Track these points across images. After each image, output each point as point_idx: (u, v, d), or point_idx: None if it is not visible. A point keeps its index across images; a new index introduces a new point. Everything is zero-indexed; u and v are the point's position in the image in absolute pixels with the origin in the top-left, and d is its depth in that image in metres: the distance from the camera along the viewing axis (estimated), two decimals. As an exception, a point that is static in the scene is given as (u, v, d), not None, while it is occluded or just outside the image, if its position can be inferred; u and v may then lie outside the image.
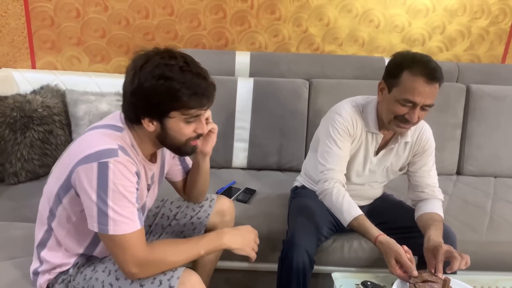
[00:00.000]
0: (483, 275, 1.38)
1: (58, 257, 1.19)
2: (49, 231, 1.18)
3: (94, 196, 1.02)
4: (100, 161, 1.02)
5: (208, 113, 1.22)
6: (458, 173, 2.26)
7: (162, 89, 1.03)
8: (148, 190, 1.27)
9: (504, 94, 2.19)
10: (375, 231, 1.32)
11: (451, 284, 1.22)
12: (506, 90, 2.21)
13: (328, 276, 1.62)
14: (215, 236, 1.18)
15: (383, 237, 1.29)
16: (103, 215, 1.02)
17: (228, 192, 1.92)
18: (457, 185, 2.15)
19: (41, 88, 2.09)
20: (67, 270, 1.20)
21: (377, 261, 1.63)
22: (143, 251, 1.06)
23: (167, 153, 1.35)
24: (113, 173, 1.02)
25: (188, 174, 1.44)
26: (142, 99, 1.05)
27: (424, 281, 1.21)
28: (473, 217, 1.84)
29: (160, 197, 1.51)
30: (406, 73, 1.32)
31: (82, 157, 1.04)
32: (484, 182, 2.18)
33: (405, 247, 1.25)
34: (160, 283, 1.10)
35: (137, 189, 1.09)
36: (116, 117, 1.16)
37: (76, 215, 1.11)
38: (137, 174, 1.09)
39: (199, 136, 1.16)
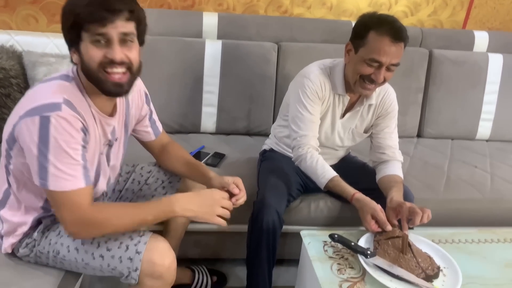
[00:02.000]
0: (440, 229, 1.48)
1: (17, 215, 1.15)
2: (8, 189, 1.14)
3: (35, 150, 0.98)
4: (42, 115, 0.97)
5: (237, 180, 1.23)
6: (419, 135, 2.36)
7: (65, 9, 1.00)
8: (111, 146, 1.22)
9: (464, 59, 2.27)
10: (351, 189, 1.40)
11: (411, 239, 1.31)
12: (466, 56, 2.29)
13: (295, 235, 1.68)
14: (166, 203, 1.12)
15: (359, 195, 1.37)
16: (43, 170, 0.99)
17: (197, 156, 1.92)
18: (417, 147, 2.24)
19: (-5, 49, 1.97)
20: (31, 233, 1.17)
21: (342, 219, 1.70)
22: (84, 210, 1.02)
23: (133, 108, 1.30)
24: (55, 128, 0.98)
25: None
26: (63, 28, 1.02)
27: (388, 238, 1.28)
28: (432, 177, 1.94)
29: (131, 162, 1.50)
30: (372, 33, 1.35)
31: (27, 110, 1.00)
32: (442, 144, 2.28)
33: (379, 206, 1.33)
34: (127, 248, 1.10)
35: (84, 146, 1.05)
36: (70, 67, 1.10)
37: (26, 169, 1.06)
38: (83, 130, 1.04)
39: (112, 63, 1.01)
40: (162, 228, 1.56)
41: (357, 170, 1.73)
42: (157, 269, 1.10)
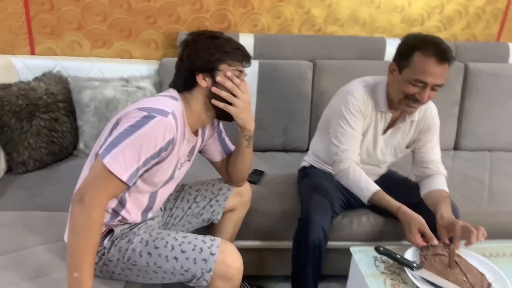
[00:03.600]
0: (490, 243, 1.46)
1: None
2: None
3: (122, 130, 1.10)
4: (150, 114, 1.11)
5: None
6: (456, 148, 2.35)
7: (212, 45, 1.21)
8: (189, 161, 1.38)
9: (500, 71, 2.27)
10: (395, 203, 1.41)
11: (460, 253, 1.30)
12: (502, 68, 2.29)
13: (337, 251, 1.70)
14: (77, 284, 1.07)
15: (405, 208, 1.38)
16: (113, 145, 1.09)
17: (237, 173, 1.95)
18: (455, 160, 2.23)
19: (44, 75, 2.06)
20: (101, 242, 1.22)
21: (385, 234, 1.71)
22: (102, 198, 1.08)
23: (206, 131, 1.42)
24: (150, 127, 1.09)
25: (231, 156, 1.48)
26: (196, 57, 1.20)
27: (435, 254, 1.28)
28: (473, 190, 1.92)
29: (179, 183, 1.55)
30: (417, 54, 1.36)
31: (139, 107, 1.14)
32: (481, 156, 2.27)
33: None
34: (201, 250, 1.18)
35: (154, 156, 1.13)
36: (171, 91, 1.27)
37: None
38: (168, 143, 1.14)
39: None
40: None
41: (399, 185, 1.73)
42: (230, 270, 1.18)
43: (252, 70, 2.12)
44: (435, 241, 1.29)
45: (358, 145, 1.54)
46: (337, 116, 1.55)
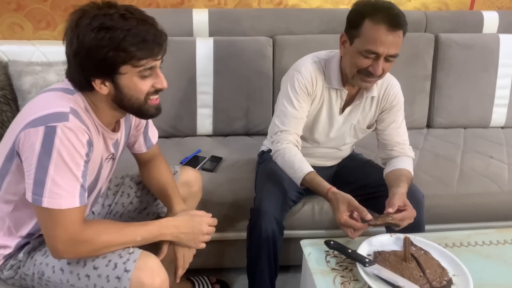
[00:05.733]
0: (454, 231, 1.36)
1: None
2: None
3: (35, 162, 0.92)
4: (48, 125, 0.92)
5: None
6: (429, 126, 2.23)
7: (104, 42, 0.92)
8: (114, 159, 1.20)
9: (473, 42, 2.14)
10: (327, 184, 1.30)
11: (419, 244, 1.20)
12: (475, 38, 2.16)
13: (299, 241, 1.59)
14: (158, 227, 1.11)
15: (335, 189, 1.28)
16: (40, 185, 0.93)
17: (193, 161, 1.82)
18: (427, 138, 2.12)
19: (-20, 60, 1.90)
20: (16, 254, 1.11)
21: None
22: (77, 228, 0.97)
23: (133, 122, 1.25)
24: (60, 140, 0.92)
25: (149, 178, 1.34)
26: (86, 58, 0.94)
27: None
28: (444, 171, 1.82)
29: (119, 173, 1.41)
30: (367, 22, 1.24)
31: (30, 121, 0.94)
32: (454, 133, 2.16)
33: None
34: (115, 266, 1.03)
35: (86, 162, 0.98)
36: (67, 81, 1.03)
37: (24, 187, 0.99)
38: (89, 143, 0.99)
39: (157, 91, 1.04)
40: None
41: (361, 167, 1.62)
42: None
43: (207, 48, 1.97)
44: (368, 216, 1.18)
45: (299, 127, 1.43)
46: (282, 95, 1.45)
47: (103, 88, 0.99)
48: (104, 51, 0.93)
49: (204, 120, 2.04)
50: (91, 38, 0.92)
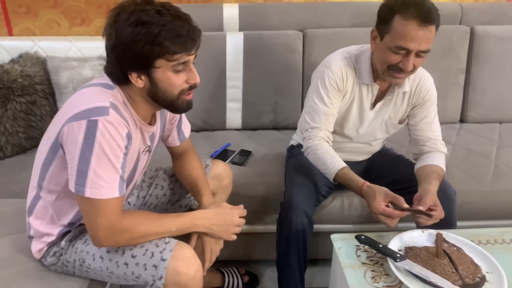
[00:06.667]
0: (487, 227, 1.33)
1: (43, 225, 1.15)
2: (37, 196, 1.14)
3: (77, 154, 0.96)
4: (90, 118, 0.96)
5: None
6: (462, 120, 2.18)
7: (141, 36, 0.96)
8: (150, 152, 1.24)
9: (510, 34, 2.06)
10: (361, 179, 1.30)
11: (451, 241, 1.18)
12: (512, 30, 2.08)
13: (328, 234, 1.60)
14: (190, 218, 1.14)
15: (369, 184, 1.28)
16: (82, 176, 0.97)
17: (223, 155, 1.85)
18: (460, 133, 2.07)
19: (20, 56, 1.97)
20: (59, 242, 1.17)
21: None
22: (116, 218, 1.02)
23: (168, 116, 1.29)
24: (101, 133, 0.96)
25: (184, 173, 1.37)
26: (123, 52, 0.98)
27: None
28: (477, 167, 1.77)
29: (153, 166, 1.45)
30: (397, 17, 1.22)
31: (73, 115, 0.98)
32: (489, 128, 2.10)
33: None
34: (152, 255, 1.07)
35: (125, 154, 1.02)
36: (105, 76, 1.08)
37: (66, 178, 1.05)
38: (128, 136, 1.03)
39: (192, 87, 1.08)
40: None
41: (391, 162, 1.61)
42: (182, 278, 1.06)
43: (237, 43, 1.98)
44: (405, 204, 1.19)
45: (330, 123, 1.43)
46: (312, 91, 1.45)
47: (139, 81, 1.03)
48: (140, 45, 0.96)
49: (234, 114, 2.06)
50: (128, 32, 0.96)
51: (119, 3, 1.01)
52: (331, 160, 1.35)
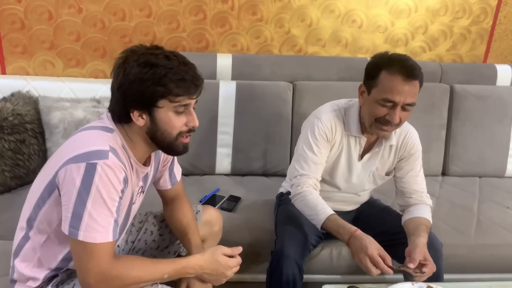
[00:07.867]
0: (474, 281, 1.35)
1: (29, 268, 1.11)
2: (26, 237, 1.10)
3: (74, 196, 0.96)
4: (89, 162, 0.97)
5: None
6: (444, 173, 2.25)
7: (148, 76, 1.00)
8: (143, 192, 1.24)
9: (487, 93, 2.19)
10: (352, 226, 1.31)
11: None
12: (489, 90, 2.22)
13: (316, 285, 1.58)
14: (182, 264, 1.12)
15: (361, 232, 1.28)
16: (77, 218, 0.96)
17: (212, 200, 1.85)
18: (443, 186, 2.13)
19: (12, 95, 1.98)
20: (44, 287, 1.12)
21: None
22: (108, 263, 1.00)
23: (161, 158, 1.30)
24: (100, 176, 0.97)
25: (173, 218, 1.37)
26: (129, 89, 1.02)
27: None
28: (460, 220, 1.82)
29: (143, 210, 1.44)
30: (384, 72, 1.31)
31: (72, 157, 0.99)
32: (470, 182, 2.17)
33: None
34: None
35: (121, 198, 1.02)
36: (105, 119, 1.10)
37: (59, 219, 1.03)
38: (125, 180, 1.03)
39: (190, 130, 1.11)
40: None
41: (379, 213, 1.64)
42: None
43: (229, 91, 2.04)
44: (390, 264, 1.21)
45: (318, 172, 1.47)
46: (302, 140, 1.49)
47: (140, 120, 1.05)
48: (145, 84, 1.01)
49: (223, 159, 2.08)
50: (136, 71, 1.01)
51: (129, 47, 1.06)
52: (321, 206, 1.37)
